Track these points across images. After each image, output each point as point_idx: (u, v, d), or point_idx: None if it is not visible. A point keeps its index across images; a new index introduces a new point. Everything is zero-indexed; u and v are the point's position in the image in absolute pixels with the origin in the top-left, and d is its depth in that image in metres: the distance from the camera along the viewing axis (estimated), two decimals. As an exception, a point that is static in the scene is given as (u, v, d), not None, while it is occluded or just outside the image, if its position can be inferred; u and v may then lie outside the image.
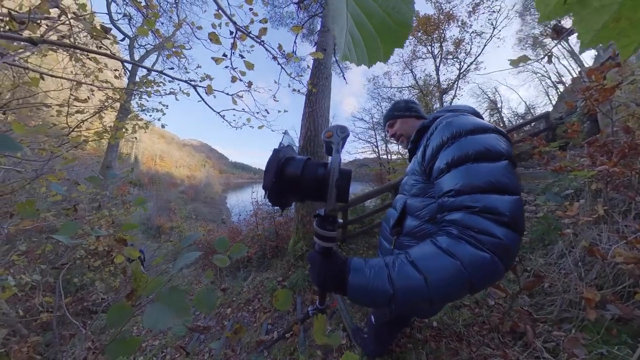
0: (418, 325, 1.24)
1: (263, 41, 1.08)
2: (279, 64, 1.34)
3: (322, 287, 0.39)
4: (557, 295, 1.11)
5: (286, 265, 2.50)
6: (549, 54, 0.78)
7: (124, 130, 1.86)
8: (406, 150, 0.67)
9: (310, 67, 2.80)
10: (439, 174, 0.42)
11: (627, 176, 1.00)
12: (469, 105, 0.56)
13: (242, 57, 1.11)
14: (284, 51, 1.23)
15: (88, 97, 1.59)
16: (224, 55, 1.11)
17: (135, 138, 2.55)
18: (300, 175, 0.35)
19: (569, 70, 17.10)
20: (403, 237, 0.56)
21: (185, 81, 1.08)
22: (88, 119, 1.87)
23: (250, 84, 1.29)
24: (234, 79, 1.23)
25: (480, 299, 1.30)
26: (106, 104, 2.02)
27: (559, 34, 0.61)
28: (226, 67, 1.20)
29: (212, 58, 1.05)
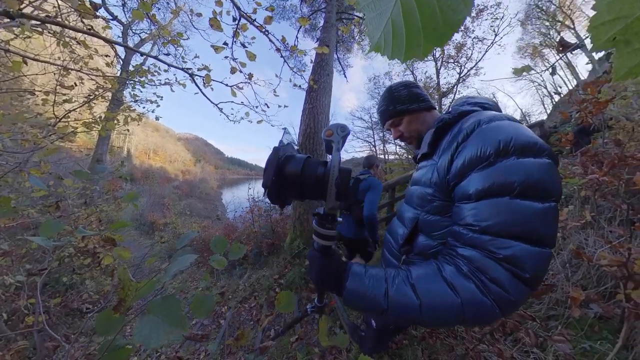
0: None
1: (268, 31, 1.03)
2: (282, 56, 1.29)
3: (319, 286, 0.39)
4: (545, 295, 1.17)
5: (282, 263, 2.49)
6: (553, 66, 0.80)
7: (115, 121, 1.77)
8: (409, 149, 0.59)
9: (312, 62, 2.75)
10: (464, 198, 0.34)
11: (615, 185, 1.05)
12: (490, 99, 0.47)
13: (244, 46, 1.05)
14: (287, 44, 1.19)
15: (75, 83, 1.50)
16: (225, 43, 1.04)
17: (128, 130, 2.45)
18: (300, 174, 0.34)
19: (565, 82, 17.68)
20: (414, 256, 0.49)
21: (182, 69, 1.03)
22: (76, 108, 1.77)
23: (251, 75, 1.24)
24: (233, 70, 1.18)
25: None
26: (96, 93, 1.92)
27: (565, 48, 0.60)
28: (226, 57, 1.14)
29: (212, 46, 0.99)
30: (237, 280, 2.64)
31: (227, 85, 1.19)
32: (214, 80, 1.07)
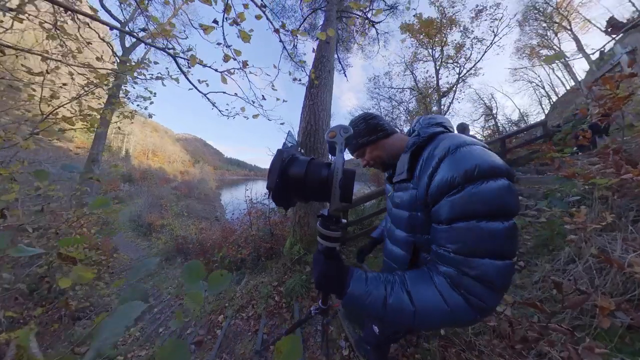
0: (425, 333, 1.16)
1: (265, 5, 0.90)
2: (280, 40, 1.18)
3: (321, 287, 0.40)
4: (580, 306, 1.07)
5: (282, 268, 2.37)
6: (601, 50, 0.71)
7: (99, 116, 1.65)
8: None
9: (314, 52, 2.63)
10: (438, 221, 0.38)
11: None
12: (446, 118, 0.52)
13: (236, 23, 0.92)
14: (287, 30, 1.07)
15: (48, 68, 1.37)
16: (215, 21, 0.92)
17: (119, 128, 2.35)
18: (304, 176, 0.35)
19: (562, 82, 17.84)
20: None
21: (162, 49, 0.92)
22: (64, 104, 1.66)
23: (245, 63, 1.12)
24: (227, 58, 1.06)
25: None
26: (86, 89, 1.81)
27: (615, 29, 0.50)
28: (219, 44, 1.03)
29: (200, 25, 0.86)
30: (234, 286, 2.52)
31: (216, 70, 1.07)
32: (201, 65, 0.96)
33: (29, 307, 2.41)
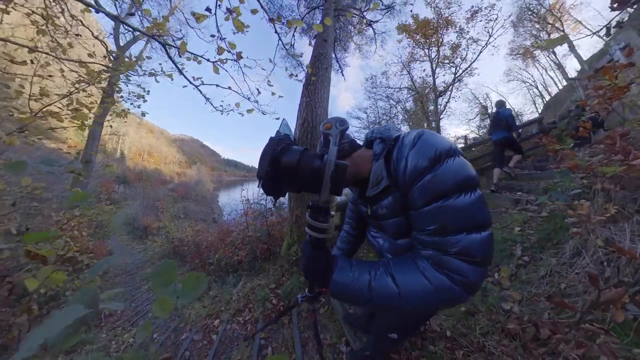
0: (430, 335, 1.12)
1: None
2: (276, 32, 1.14)
3: (307, 276, 0.40)
4: (577, 297, 1.04)
5: (279, 270, 2.31)
6: (609, 25, 0.69)
7: (97, 113, 1.59)
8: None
9: (312, 45, 2.59)
10: (414, 207, 0.39)
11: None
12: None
13: (230, 12, 0.88)
14: (283, 21, 1.03)
15: (37, 63, 1.31)
16: (207, 9, 0.88)
17: (110, 126, 2.27)
18: (296, 165, 0.35)
19: (555, 82, 18.29)
20: None
21: (151, 36, 0.87)
22: (55, 102, 1.60)
23: (239, 55, 1.08)
24: (220, 51, 1.01)
25: (495, 303, 1.20)
26: (77, 86, 1.75)
27: (621, 4, 0.48)
28: (213, 36, 0.99)
29: (193, 14, 0.82)
30: (230, 289, 2.44)
31: (208, 60, 1.03)
32: (192, 55, 0.92)
33: (14, 312, 2.29)
